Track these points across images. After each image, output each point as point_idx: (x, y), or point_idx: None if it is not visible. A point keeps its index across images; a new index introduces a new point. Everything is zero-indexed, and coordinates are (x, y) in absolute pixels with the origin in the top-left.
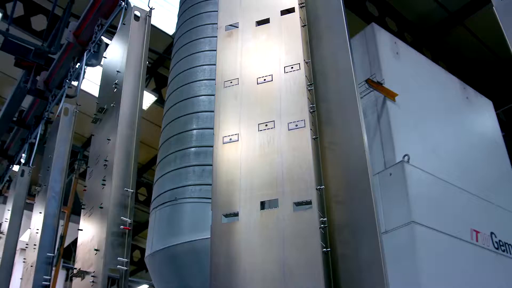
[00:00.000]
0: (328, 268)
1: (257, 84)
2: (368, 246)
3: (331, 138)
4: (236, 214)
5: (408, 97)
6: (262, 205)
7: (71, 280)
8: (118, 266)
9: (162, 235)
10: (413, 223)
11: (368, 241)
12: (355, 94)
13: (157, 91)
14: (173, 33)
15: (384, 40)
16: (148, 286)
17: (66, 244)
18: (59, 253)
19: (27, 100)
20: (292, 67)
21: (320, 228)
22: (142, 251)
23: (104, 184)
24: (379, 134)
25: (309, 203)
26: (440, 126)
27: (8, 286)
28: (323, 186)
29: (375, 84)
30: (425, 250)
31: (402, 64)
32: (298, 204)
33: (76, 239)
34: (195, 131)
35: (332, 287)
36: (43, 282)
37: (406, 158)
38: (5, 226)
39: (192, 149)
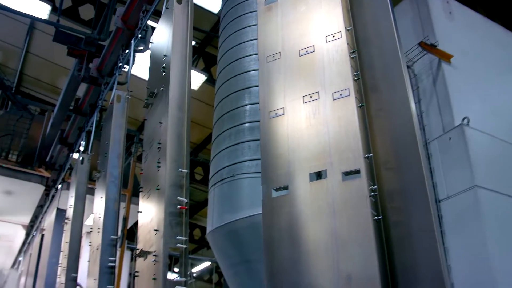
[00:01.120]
0: (380, 236)
1: (300, 56)
2: (420, 213)
3: (378, 105)
4: (285, 188)
5: (464, 57)
6: (311, 176)
7: (135, 260)
8: (178, 244)
9: (221, 211)
10: (476, 187)
11: (420, 207)
12: (400, 58)
13: (206, 70)
14: (219, 11)
15: (435, 0)
16: (210, 263)
17: (129, 225)
18: (123, 234)
19: (82, 89)
20: (333, 36)
21: (370, 196)
22: (202, 229)
23: (159, 167)
24: (436, 98)
25: (357, 172)
26: (500, 85)
27: (77, 269)
28: (372, 154)
29: (428, 47)
30: (489, 214)
31: (456, 24)
32: (346, 173)
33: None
34: (247, 106)
35: (385, 255)
36: (109, 264)
37: (465, 121)
38: (70, 212)
39: (246, 124)
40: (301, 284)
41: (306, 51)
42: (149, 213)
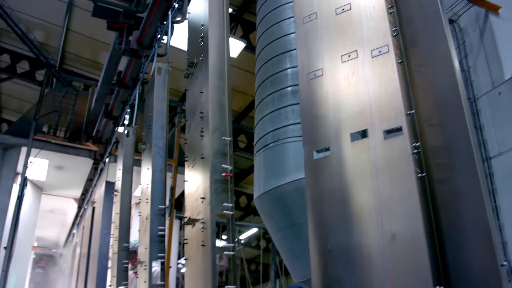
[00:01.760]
0: (425, 194)
1: (336, 15)
2: (466, 169)
3: (419, 60)
4: (327, 149)
5: None
6: (352, 136)
7: (184, 228)
8: (224, 211)
9: (267, 177)
10: None
11: (465, 164)
12: (440, 11)
13: (245, 37)
14: None
15: None
16: (257, 229)
17: (176, 195)
18: (171, 204)
19: (123, 63)
20: None
21: (413, 153)
22: (248, 196)
23: (203, 136)
24: (484, 52)
25: (399, 129)
26: None
27: (129, 238)
28: (414, 111)
29: None
30: None
31: None
32: (388, 132)
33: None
34: (289, 70)
35: (430, 213)
36: (159, 232)
37: None
38: (118, 184)
39: (289, 88)
40: (346, 244)
41: (343, 9)
42: (195, 182)
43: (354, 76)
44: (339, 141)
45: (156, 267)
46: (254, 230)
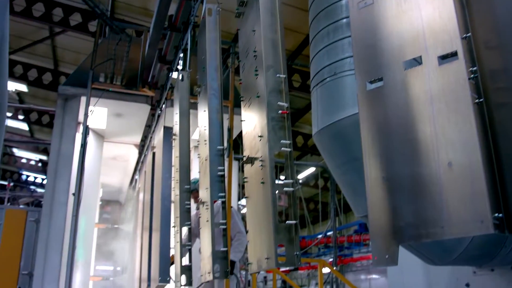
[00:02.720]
0: (483, 120)
1: None
2: None
3: None
4: (380, 79)
5: None
6: (406, 64)
7: (243, 170)
8: (282, 148)
9: (325, 112)
10: None
11: None
12: None
13: None
14: None
15: None
16: (315, 168)
17: (234, 136)
18: (229, 145)
19: (173, 8)
20: None
21: (470, 78)
22: (305, 136)
23: (257, 74)
24: None
25: (454, 54)
26: None
27: (189, 180)
28: (470, 34)
29: None
30: None
31: None
32: (443, 57)
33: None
34: (343, 0)
35: (488, 140)
36: (219, 173)
37: None
38: (176, 129)
39: (343, 20)
40: (402, 174)
41: None
42: (252, 121)
43: (406, 2)
44: (392, 70)
45: (218, 206)
46: (312, 169)
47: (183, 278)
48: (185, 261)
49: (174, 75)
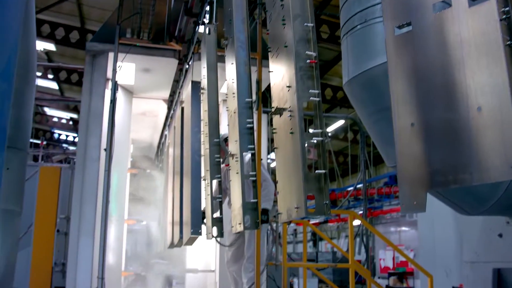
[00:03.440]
0: None
1: None
2: None
3: None
4: (408, 24)
5: None
6: (434, 7)
7: (271, 124)
8: (311, 98)
9: (356, 60)
10: None
11: None
12: None
13: None
14: None
15: None
16: (344, 120)
17: (262, 88)
18: (258, 98)
19: None
20: None
21: (501, 20)
22: (333, 88)
23: (284, 24)
24: None
25: None
26: None
27: (219, 134)
28: None
29: None
30: None
31: None
32: None
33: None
34: None
35: None
36: (247, 125)
37: None
38: (204, 82)
39: None
40: (430, 120)
41: None
42: (279, 72)
43: None
44: (421, 14)
45: (247, 158)
46: (341, 122)
47: (215, 230)
48: (216, 213)
49: (201, 28)
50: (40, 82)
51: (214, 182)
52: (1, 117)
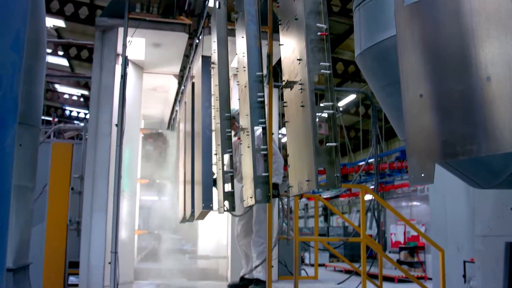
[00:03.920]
0: None
1: None
2: None
3: None
4: None
5: None
6: None
7: (282, 99)
8: (322, 70)
9: (369, 32)
10: None
11: None
12: None
13: None
14: None
15: None
16: (355, 95)
17: (273, 62)
18: (269, 71)
19: None
20: None
21: None
22: (345, 63)
23: None
24: None
25: None
26: None
27: (229, 108)
28: None
29: None
30: None
31: None
32: None
33: None
34: None
35: None
36: (258, 99)
37: None
38: (215, 57)
39: None
40: (439, 91)
41: None
42: (290, 45)
43: None
44: None
45: (258, 132)
46: (352, 97)
47: (226, 204)
48: (228, 187)
49: (211, 2)
50: (50, 59)
51: (226, 156)
52: (12, 88)
